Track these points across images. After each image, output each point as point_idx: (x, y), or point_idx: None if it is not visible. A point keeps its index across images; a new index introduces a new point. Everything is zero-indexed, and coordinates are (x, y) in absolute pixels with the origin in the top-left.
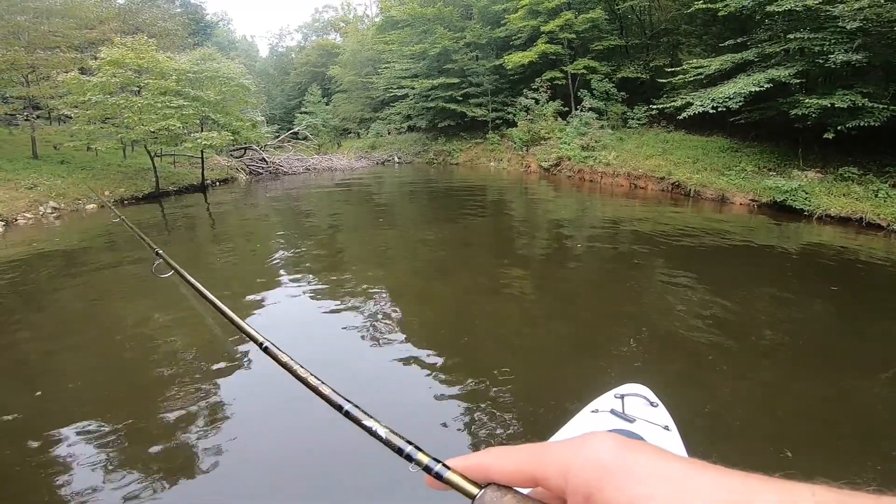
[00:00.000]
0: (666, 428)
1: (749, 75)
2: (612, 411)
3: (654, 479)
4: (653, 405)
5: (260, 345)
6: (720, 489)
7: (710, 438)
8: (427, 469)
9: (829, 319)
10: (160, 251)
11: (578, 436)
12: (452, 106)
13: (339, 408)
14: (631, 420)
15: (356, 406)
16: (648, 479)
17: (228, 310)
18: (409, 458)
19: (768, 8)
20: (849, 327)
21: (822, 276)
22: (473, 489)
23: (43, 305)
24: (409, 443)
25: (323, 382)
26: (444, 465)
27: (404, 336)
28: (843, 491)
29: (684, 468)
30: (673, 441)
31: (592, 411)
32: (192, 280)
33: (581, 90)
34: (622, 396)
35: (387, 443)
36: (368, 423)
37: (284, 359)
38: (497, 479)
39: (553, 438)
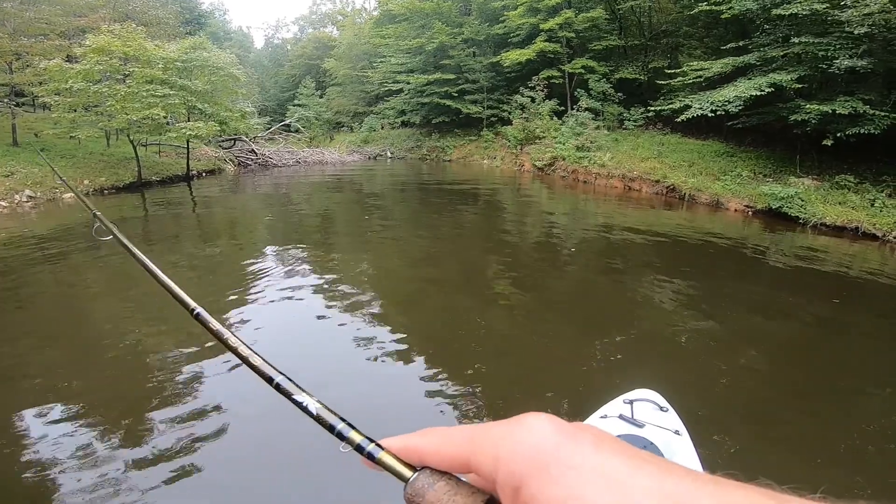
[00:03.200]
0: (676, 433)
1: (750, 79)
2: (622, 416)
3: (589, 475)
4: (663, 410)
5: (191, 311)
6: (655, 492)
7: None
8: (359, 449)
9: (824, 331)
10: (97, 213)
11: (513, 418)
12: (447, 102)
13: (269, 380)
14: (640, 425)
15: (288, 378)
16: (582, 474)
17: (161, 272)
18: (340, 436)
19: (774, 11)
20: (843, 341)
21: (818, 286)
22: (407, 472)
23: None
24: (342, 419)
25: (254, 352)
26: (378, 444)
27: (393, 336)
28: (781, 496)
29: (623, 463)
30: (684, 446)
31: (601, 417)
32: (127, 242)
33: (578, 90)
34: (631, 402)
35: (317, 419)
36: (300, 397)
37: (216, 327)
38: (431, 463)
39: None
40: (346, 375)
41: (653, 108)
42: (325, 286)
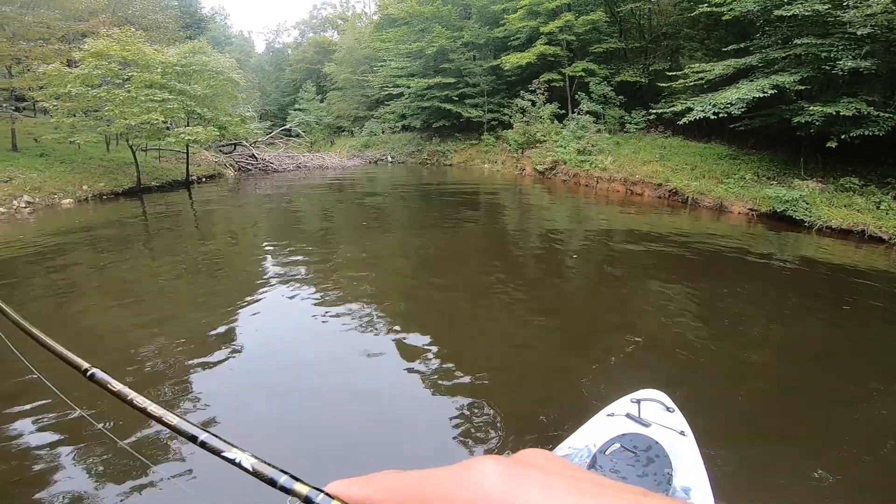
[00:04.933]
0: (682, 433)
1: (752, 81)
2: (628, 415)
3: None
4: (669, 410)
5: (84, 372)
6: None
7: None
8: (308, 501)
9: (833, 337)
10: None
11: (461, 463)
12: (448, 106)
13: (192, 438)
14: (647, 424)
15: (213, 434)
16: None
17: (41, 333)
18: (283, 489)
19: (775, 13)
20: (853, 348)
21: (826, 291)
22: None
23: None
24: (283, 472)
25: (167, 411)
26: (327, 494)
27: (395, 341)
28: None
29: (574, 501)
30: (689, 446)
31: (608, 415)
32: (7, 308)
33: (579, 93)
34: (639, 401)
35: (255, 474)
36: (230, 454)
37: (117, 387)
38: None
39: (567, 441)
40: (347, 384)
41: (654, 111)
42: (325, 294)
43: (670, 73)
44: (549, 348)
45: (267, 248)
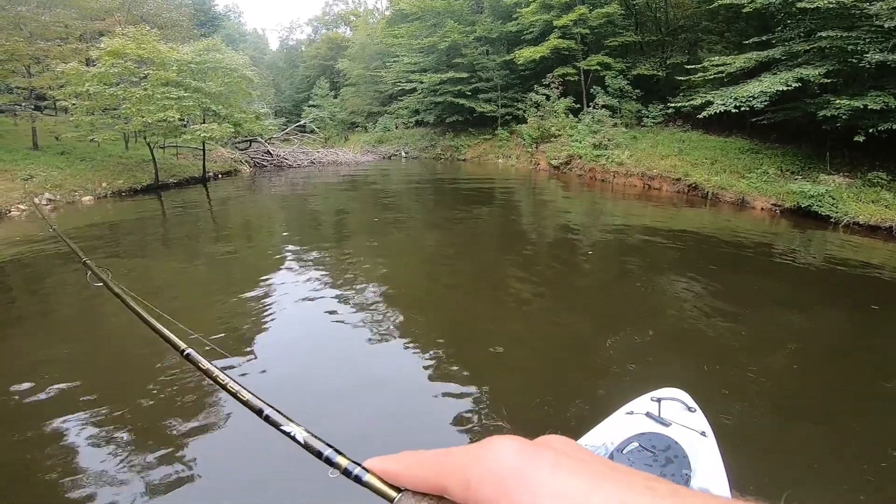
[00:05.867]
0: (703, 434)
1: (775, 74)
2: (648, 414)
3: (547, 499)
4: (690, 410)
5: (181, 352)
6: None
7: None
8: (346, 473)
9: (860, 339)
10: (87, 261)
11: (480, 442)
12: (461, 101)
13: (258, 412)
14: (667, 424)
15: (276, 410)
16: (540, 498)
17: (150, 317)
18: (328, 461)
19: (798, 5)
20: (878, 347)
21: (853, 290)
22: (392, 493)
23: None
24: (329, 446)
25: (243, 387)
26: (363, 467)
27: (410, 336)
28: None
29: (582, 482)
30: (709, 447)
31: (627, 413)
32: (116, 289)
33: (594, 87)
34: (659, 400)
35: (306, 446)
36: (288, 427)
37: (206, 366)
38: (408, 486)
39: (584, 439)
40: (361, 375)
41: (672, 105)
42: (341, 289)
43: (689, 67)
44: (565, 343)
45: (282, 242)
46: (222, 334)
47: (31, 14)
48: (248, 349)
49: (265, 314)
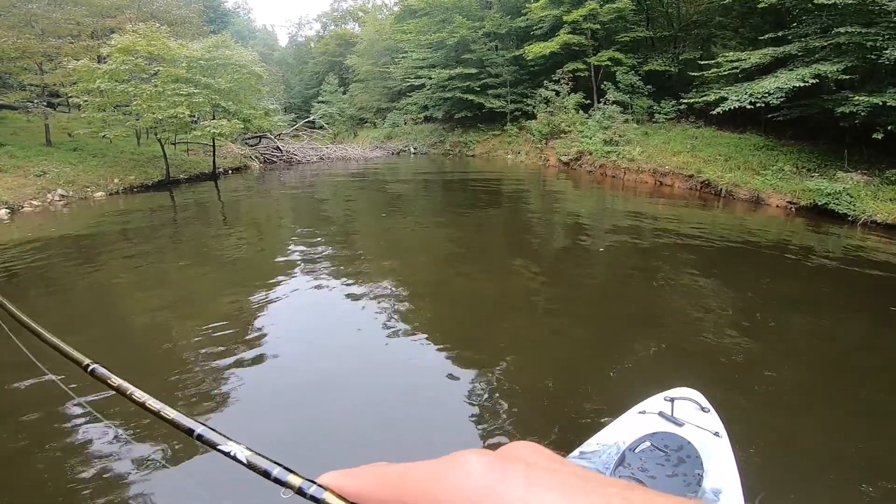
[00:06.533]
0: (716, 434)
1: (791, 70)
2: (661, 414)
3: None
4: (704, 410)
5: (85, 367)
6: None
7: None
8: (301, 492)
9: (876, 341)
10: None
11: (446, 457)
12: (470, 97)
13: (189, 432)
14: (680, 424)
15: (210, 428)
16: None
17: (43, 330)
18: (277, 481)
19: (815, 0)
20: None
21: (871, 291)
22: None
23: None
24: (277, 464)
25: (165, 405)
26: (320, 485)
27: (418, 333)
28: None
29: (559, 497)
30: (722, 448)
31: (640, 412)
32: (8, 304)
33: (605, 82)
34: (672, 399)
35: (250, 466)
36: (226, 447)
37: (117, 382)
38: (372, 503)
39: (596, 437)
40: (371, 370)
41: (685, 101)
42: (349, 282)
43: (702, 62)
44: (577, 341)
45: (292, 237)
46: (226, 327)
47: (43, 11)
48: (255, 343)
49: (273, 310)
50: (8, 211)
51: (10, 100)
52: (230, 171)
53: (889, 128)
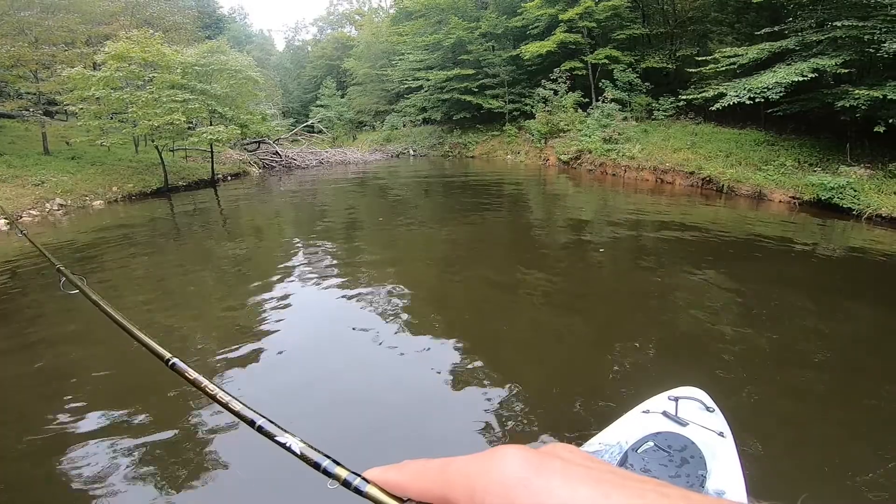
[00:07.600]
0: (721, 434)
1: (789, 64)
2: (665, 413)
3: None
4: (709, 410)
5: (166, 361)
6: None
7: None
8: (346, 484)
9: (883, 336)
10: (61, 267)
11: (485, 452)
12: (468, 98)
13: (251, 423)
14: (684, 424)
15: (269, 420)
16: None
17: (132, 326)
18: (326, 472)
19: None
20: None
21: (878, 287)
22: None
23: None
24: (327, 457)
25: (234, 398)
26: (364, 478)
27: (423, 332)
28: None
29: (592, 491)
30: (727, 448)
31: (643, 412)
32: (94, 297)
33: (603, 81)
34: (676, 399)
35: (302, 457)
36: (283, 438)
37: (193, 376)
38: (412, 497)
39: (598, 437)
40: (375, 373)
41: (684, 97)
42: (351, 287)
43: (699, 59)
44: (579, 341)
45: (292, 242)
46: (230, 333)
47: (36, 19)
48: (258, 348)
49: (273, 316)
50: (6, 222)
51: (7, 108)
52: (229, 177)
53: (890, 121)
